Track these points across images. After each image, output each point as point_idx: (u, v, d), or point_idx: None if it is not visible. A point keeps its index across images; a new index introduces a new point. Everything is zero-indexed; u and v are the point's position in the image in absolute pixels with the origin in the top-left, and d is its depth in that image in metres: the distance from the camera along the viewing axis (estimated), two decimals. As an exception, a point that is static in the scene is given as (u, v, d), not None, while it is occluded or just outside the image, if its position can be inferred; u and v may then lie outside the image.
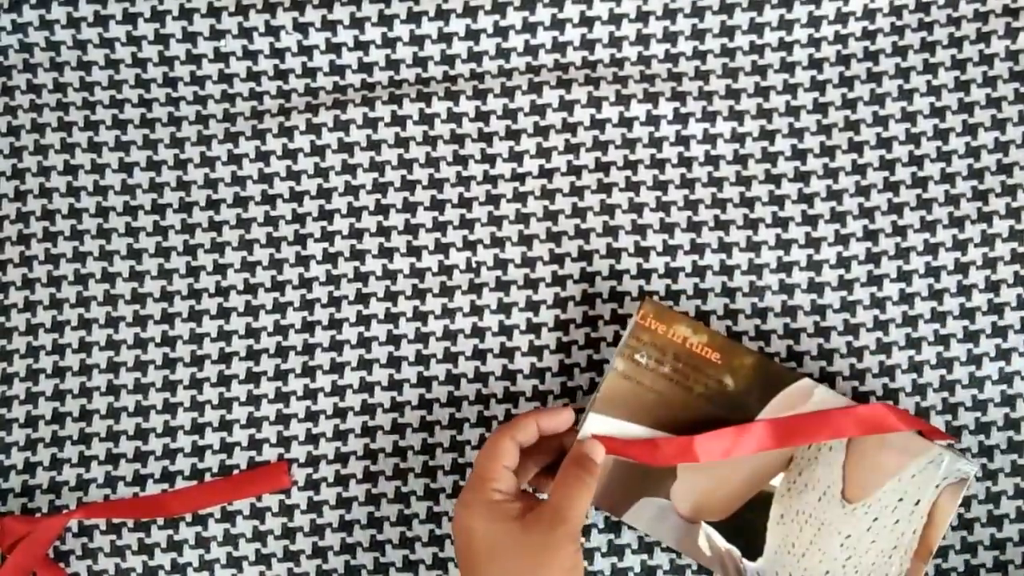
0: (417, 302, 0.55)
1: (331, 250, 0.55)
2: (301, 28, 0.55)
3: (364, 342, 0.55)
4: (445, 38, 0.55)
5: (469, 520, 0.44)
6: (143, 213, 0.56)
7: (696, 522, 0.49)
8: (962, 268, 0.54)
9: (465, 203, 0.55)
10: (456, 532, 0.45)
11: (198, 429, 0.54)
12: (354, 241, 0.55)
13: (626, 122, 0.55)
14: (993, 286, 0.53)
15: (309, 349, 0.55)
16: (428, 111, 0.55)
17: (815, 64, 0.55)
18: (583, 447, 0.48)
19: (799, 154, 0.55)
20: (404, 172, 0.56)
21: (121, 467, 0.54)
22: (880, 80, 0.55)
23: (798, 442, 0.48)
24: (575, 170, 0.55)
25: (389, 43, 0.56)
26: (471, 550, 0.44)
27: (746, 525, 0.49)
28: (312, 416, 0.54)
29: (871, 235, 0.54)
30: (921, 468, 0.48)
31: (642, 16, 0.55)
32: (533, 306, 0.54)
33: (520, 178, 0.55)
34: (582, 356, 0.54)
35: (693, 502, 0.49)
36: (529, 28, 0.55)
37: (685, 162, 0.55)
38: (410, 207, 0.55)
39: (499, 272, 0.55)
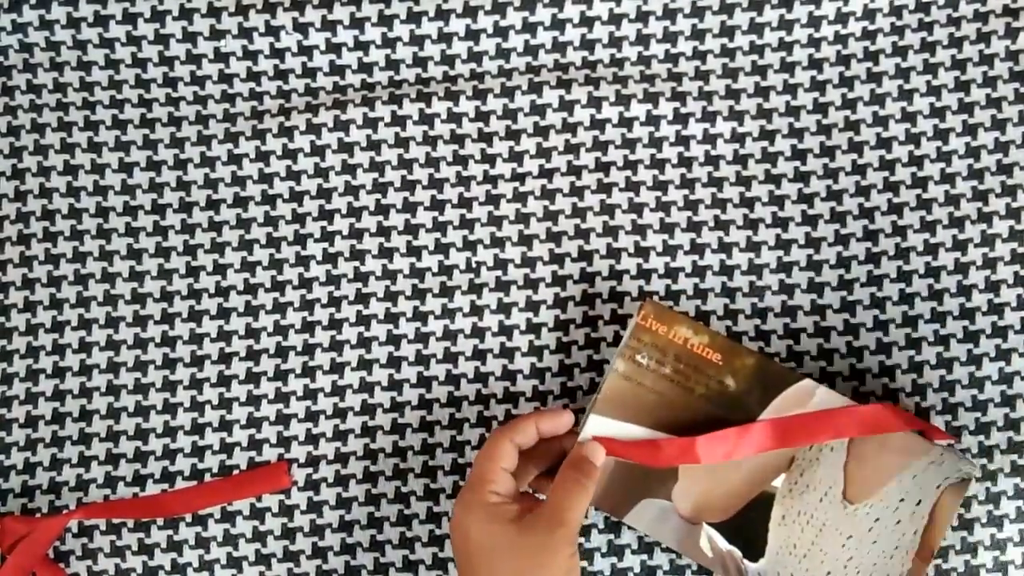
0: (417, 302, 0.55)
1: (331, 250, 0.55)
2: (301, 28, 0.55)
3: (364, 342, 0.55)
4: (445, 38, 0.55)
5: (466, 521, 0.44)
6: (143, 213, 0.56)
7: (697, 523, 0.49)
8: (962, 268, 0.54)
9: (465, 203, 0.55)
10: (453, 532, 0.45)
11: (198, 429, 0.54)
12: (354, 241, 0.55)
13: (626, 122, 0.55)
14: (993, 286, 0.53)
15: (309, 349, 0.55)
16: (428, 111, 0.55)
17: (815, 64, 0.55)
18: (582, 450, 0.47)
19: (799, 154, 0.55)
20: (404, 172, 0.56)
21: (121, 467, 0.54)
22: (880, 80, 0.55)
23: (799, 442, 0.48)
24: (575, 170, 0.55)
25: (389, 43, 0.56)
26: (468, 551, 0.44)
27: (747, 526, 0.49)
28: (312, 416, 0.54)
29: (871, 235, 0.54)
30: (922, 469, 0.48)
31: (642, 16, 0.55)
32: (533, 306, 0.54)
33: (520, 178, 0.55)
34: (582, 356, 0.54)
35: (694, 503, 0.49)
36: (529, 28, 0.55)
37: (685, 162, 0.55)
38: (410, 207, 0.55)
39: (499, 272, 0.55)
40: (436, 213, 0.55)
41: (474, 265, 0.55)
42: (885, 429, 0.48)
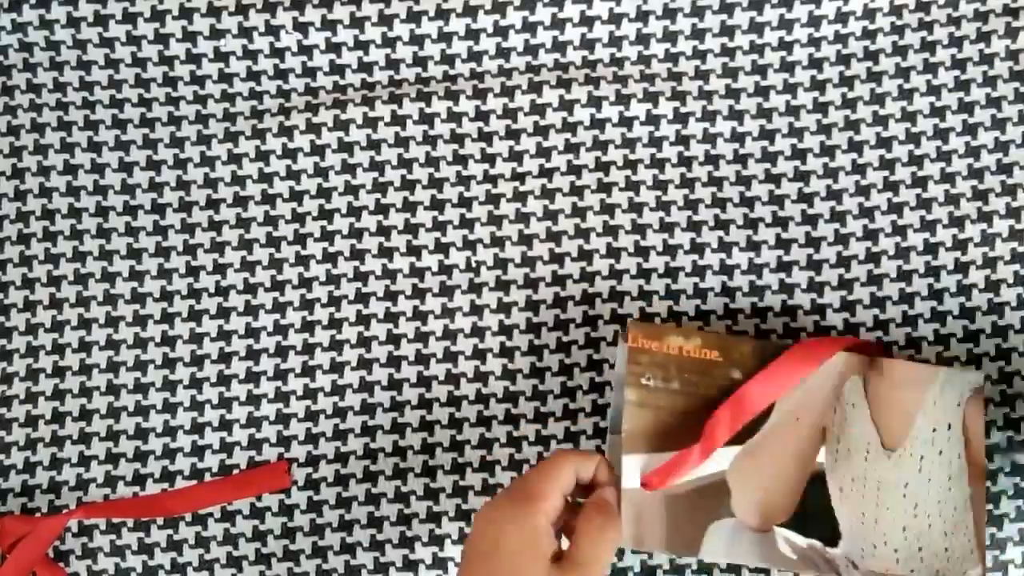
0: (417, 301, 0.55)
1: (331, 249, 0.55)
2: (301, 28, 0.55)
3: (364, 341, 0.55)
4: (445, 37, 0.55)
5: (506, 533, 0.41)
6: (143, 212, 0.56)
7: (768, 529, 0.48)
8: (962, 268, 0.54)
9: (465, 202, 0.55)
10: (481, 534, 0.42)
11: (198, 428, 0.54)
12: (354, 240, 0.55)
13: (626, 121, 0.55)
14: (993, 286, 0.53)
15: (309, 348, 0.55)
16: (428, 110, 0.55)
17: (815, 63, 0.55)
18: (601, 493, 0.45)
19: (799, 153, 0.55)
20: (404, 171, 0.56)
21: (121, 466, 0.54)
22: (880, 79, 0.55)
23: (785, 382, 0.49)
24: (575, 169, 0.55)
25: (389, 43, 0.55)
26: (492, 562, 0.41)
27: (813, 513, 0.48)
28: (312, 416, 0.54)
29: (871, 234, 0.54)
30: (939, 393, 0.49)
31: (642, 16, 0.55)
32: (533, 305, 0.54)
33: (520, 177, 0.55)
34: (582, 356, 0.54)
35: (757, 509, 0.48)
36: (529, 28, 0.55)
37: (685, 161, 0.55)
38: (410, 206, 0.55)
39: (499, 271, 0.55)
40: (436, 212, 0.55)
41: (474, 264, 0.55)
42: (823, 354, 0.49)
